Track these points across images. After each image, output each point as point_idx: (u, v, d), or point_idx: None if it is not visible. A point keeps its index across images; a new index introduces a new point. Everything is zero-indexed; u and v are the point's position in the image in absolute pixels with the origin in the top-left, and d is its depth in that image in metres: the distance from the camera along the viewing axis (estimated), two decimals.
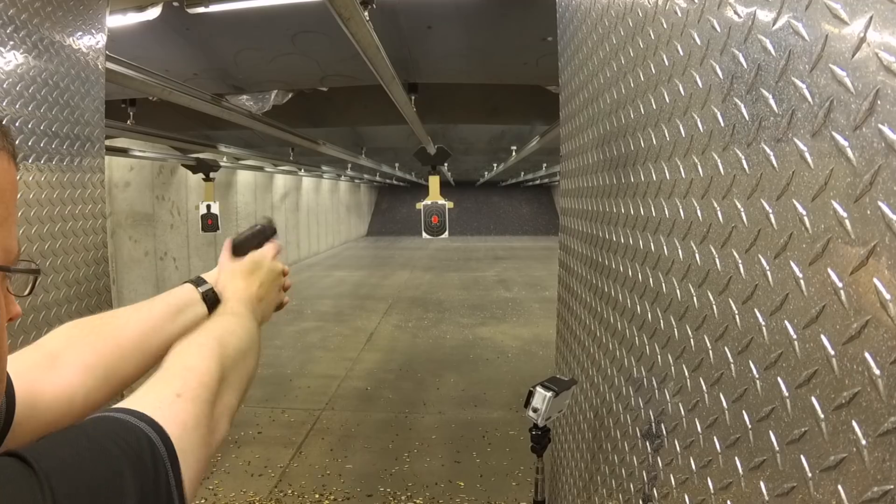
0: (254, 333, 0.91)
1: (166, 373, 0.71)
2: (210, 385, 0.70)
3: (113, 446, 0.51)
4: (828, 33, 0.65)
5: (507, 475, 4.31)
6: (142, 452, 0.53)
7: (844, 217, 0.63)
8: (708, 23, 0.95)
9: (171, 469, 0.55)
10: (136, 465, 0.51)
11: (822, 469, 0.66)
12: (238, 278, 1.03)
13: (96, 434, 0.52)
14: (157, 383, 0.67)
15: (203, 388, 0.68)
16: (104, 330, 0.85)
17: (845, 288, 0.63)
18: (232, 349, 0.80)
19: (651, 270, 1.26)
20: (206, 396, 0.67)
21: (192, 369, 0.71)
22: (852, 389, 0.61)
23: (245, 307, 0.97)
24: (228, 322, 0.90)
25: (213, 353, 0.76)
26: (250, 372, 0.85)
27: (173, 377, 0.69)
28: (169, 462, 0.55)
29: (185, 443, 0.59)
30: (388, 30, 3.24)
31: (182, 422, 0.61)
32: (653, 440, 1.24)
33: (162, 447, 0.55)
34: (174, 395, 0.64)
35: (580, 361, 2.01)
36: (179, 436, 0.58)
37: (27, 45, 1.86)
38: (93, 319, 0.87)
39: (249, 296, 1.01)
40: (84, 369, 0.77)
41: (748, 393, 0.83)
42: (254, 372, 0.87)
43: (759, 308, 0.81)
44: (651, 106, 1.23)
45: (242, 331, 0.88)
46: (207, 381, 0.70)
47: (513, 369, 6.85)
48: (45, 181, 1.96)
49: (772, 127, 0.77)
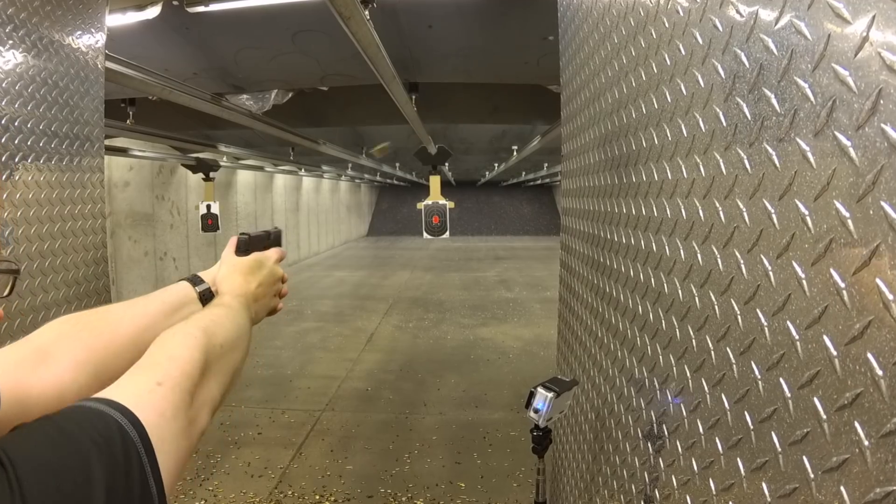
0: (243, 328, 0.91)
1: (149, 361, 0.70)
2: (192, 375, 0.69)
3: (81, 434, 0.51)
4: (830, 32, 0.65)
5: (509, 476, 4.30)
6: (111, 440, 0.53)
7: (847, 217, 0.63)
8: (710, 22, 0.95)
9: (147, 456, 0.55)
10: (104, 452, 0.51)
11: (824, 470, 0.66)
12: (238, 274, 1.04)
13: (66, 423, 0.53)
14: (138, 371, 0.67)
15: (184, 378, 0.68)
16: (97, 325, 0.84)
17: (848, 288, 0.63)
18: (218, 340, 0.80)
19: (653, 271, 1.26)
20: (187, 386, 0.67)
21: (175, 358, 0.70)
22: (855, 390, 0.61)
23: (239, 302, 0.97)
24: (217, 313, 0.89)
25: (198, 342, 0.75)
26: (236, 365, 0.84)
27: (155, 365, 0.69)
28: (143, 449, 0.55)
29: (164, 431, 0.59)
30: (389, 29, 3.24)
31: (161, 410, 0.61)
32: (654, 441, 1.24)
33: (135, 434, 0.55)
34: (154, 383, 0.64)
35: (581, 362, 2.01)
36: (157, 424, 0.58)
37: (26, 43, 1.87)
38: (85, 315, 0.86)
39: (246, 292, 1.01)
40: (75, 365, 0.76)
41: (750, 394, 0.83)
42: (240, 366, 0.86)
43: (761, 308, 0.81)
44: (653, 105, 1.23)
45: (231, 323, 0.88)
46: (189, 371, 0.69)
47: (514, 370, 6.84)
48: (45, 181, 1.96)
49: (774, 126, 0.77)
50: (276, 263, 1.12)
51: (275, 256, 1.12)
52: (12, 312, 1.78)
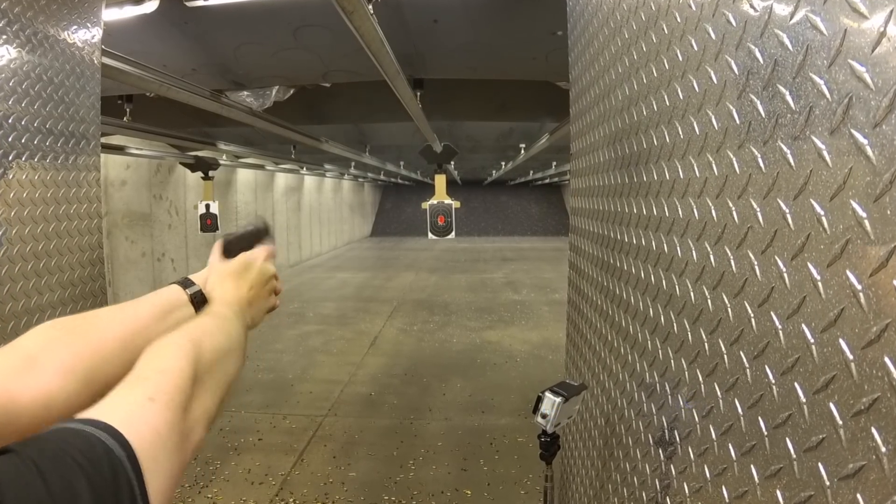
0: (235, 336, 0.90)
1: (138, 375, 0.69)
2: (184, 388, 0.69)
3: (67, 458, 0.51)
4: (847, 27, 0.65)
5: (516, 483, 4.30)
6: (98, 462, 0.52)
7: (864, 217, 0.63)
8: (723, 17, 0.95)
9: (135, 477, 0.55)
10: (91, 475, 0.51)
11: (840, 477, 0.66)
12: (228, 280, 1.03)
13: (50, 446, 0.52)
14: (127, 386, 0.66)
15: (177, 392, 0.67)
16: (85, 331, 0.83)
17: (864, 290, 0.63)
18: (208, 351, 0.79)
19: (664, 272, 1.26)
20: (180, 400, 0.67)
21: (166, 372, 0.70)
22: (872, 395, 0.62)
23: (230, 309, 0.96)
24: (207, 323, 0.89)
25: (188, 354, 0.75)
26: (231, 375, 0.84)
27: (145, 380, 0.68)
28: (132, 469, 0.55)
29: (158, 448, 0.59)
30: (393, 23, 3.25)
31: (154, 427, 0.60)
32: (666, 447, 1.24)
33: (122, 453, 0.55)
34: (146, 398, 0.63)
35: (591, 366, 2.01)
36: (151, 441, 0.58)
37: (20, 38, 1.87)
38: (73, 319, 0.85)
39: (238, 298, 1.01)
40: (63, 372, 0.76)
41: (764, 399, 0.83)
42: (235, 375, 0.86)
43: (775, 311, 0.81)
44: (664, 102, 1.23)
45: (221, 333, 0.87)
46: (181, 385, 0.69)
47: (521, 374, 6.84)
48: (39, 180, 1.97)
49: (789, 124, 0.77)
50: (267, 260, 1.11)
51: (263, 254, 1.11)
52: (5, 315, 1.79)
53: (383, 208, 31.55)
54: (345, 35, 2.77)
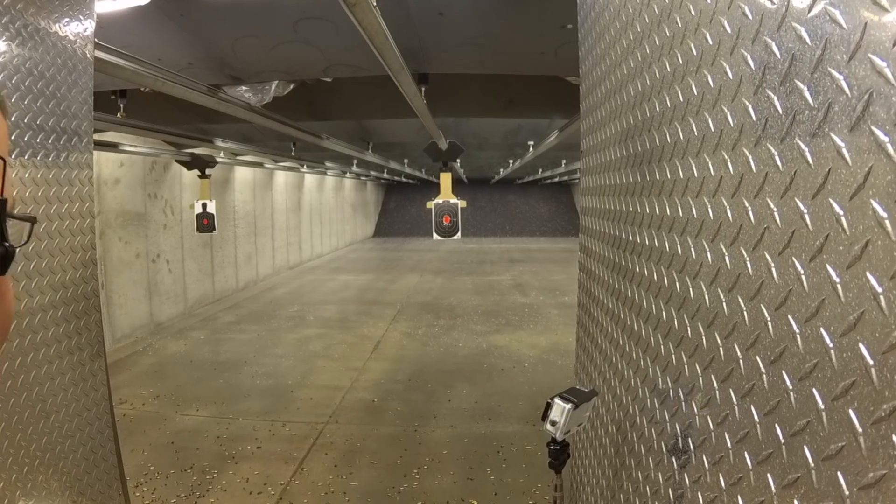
0: None
1: None
2: None
3: None
4: (867, 21, 0.66)
5: (524, 493, 4.30)
6: None
7: (885, 217, 0.63)
8: (738, 10, 0.95)
9: None
10: None
11: (860, 487, 0.66)
12: None
13: None
14: None
15: None
16: None
17: (885, 293, 0.63)
18: None
19: (677, 274, 1.26)
20: None
21: None
22: (893, 402, 0.62)
23: None
24: None
25: None
26: None
27: None
28: None
29: None
30: (397, 16, 3.25)
31: None
32: (679, 456, 1.24)
33: None
34: None
35: (601, 371, 2.01)
36: None
37: (10, 31, 1.88)
38: None
39: None
40: None
41: (781, 405, 0.84)
42: None
43: (792, 315, 0.81)
44: (677, 98, 1.23)
45: None
46: None
47: (530, 380, 6.84)
48: (29, 177, 1.98)
49: (807, 121, 0.77)
50: None
51: None
52: None
53: (387, 208, 31.58)
54: (347, 28, 2.78)
